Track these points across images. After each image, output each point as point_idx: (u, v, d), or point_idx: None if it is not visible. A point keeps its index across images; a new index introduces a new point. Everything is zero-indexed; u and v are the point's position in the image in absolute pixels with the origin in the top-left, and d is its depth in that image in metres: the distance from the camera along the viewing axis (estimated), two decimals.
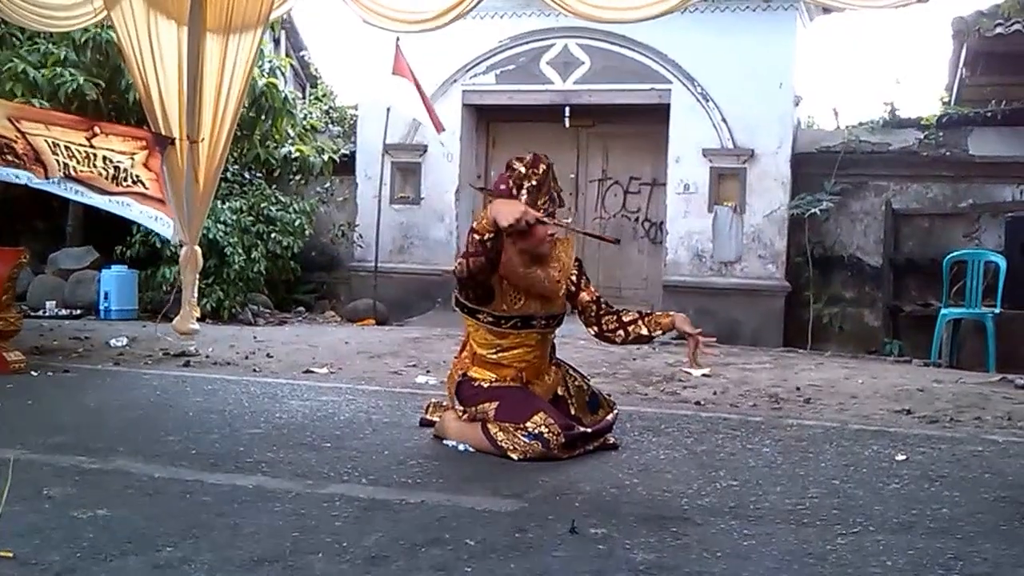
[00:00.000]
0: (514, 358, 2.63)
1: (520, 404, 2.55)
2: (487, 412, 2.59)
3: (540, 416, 2.50)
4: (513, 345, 2.63)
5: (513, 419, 2.52)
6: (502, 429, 2.53)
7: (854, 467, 2.54)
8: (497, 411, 2.56)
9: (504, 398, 2.57)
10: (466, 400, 2.66)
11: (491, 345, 2.64)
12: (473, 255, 2.43)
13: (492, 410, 2.57)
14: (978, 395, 3.86)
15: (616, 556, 1.74)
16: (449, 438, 2.69)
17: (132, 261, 6.76)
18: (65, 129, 4.22)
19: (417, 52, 6.90)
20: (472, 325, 2.68)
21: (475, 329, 2.67)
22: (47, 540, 1.74)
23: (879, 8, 3.51)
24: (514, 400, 2.57)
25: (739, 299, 7.08)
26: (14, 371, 3.84)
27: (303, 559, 1.68)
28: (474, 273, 2.47)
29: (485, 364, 2.66)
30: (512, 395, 2.59)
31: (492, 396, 2.60)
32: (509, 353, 2.63)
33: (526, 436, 2.49)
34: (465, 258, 2.47)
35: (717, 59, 7.10)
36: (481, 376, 2.66)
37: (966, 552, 1.81)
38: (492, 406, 2.57)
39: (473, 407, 2.63)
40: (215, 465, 2.38)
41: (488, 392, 2.62)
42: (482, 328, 2.64)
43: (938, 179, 7.08)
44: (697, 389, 3.99)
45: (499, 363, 2.64)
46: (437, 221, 7.86)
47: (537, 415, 2.51)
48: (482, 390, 2.63)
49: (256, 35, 4.29)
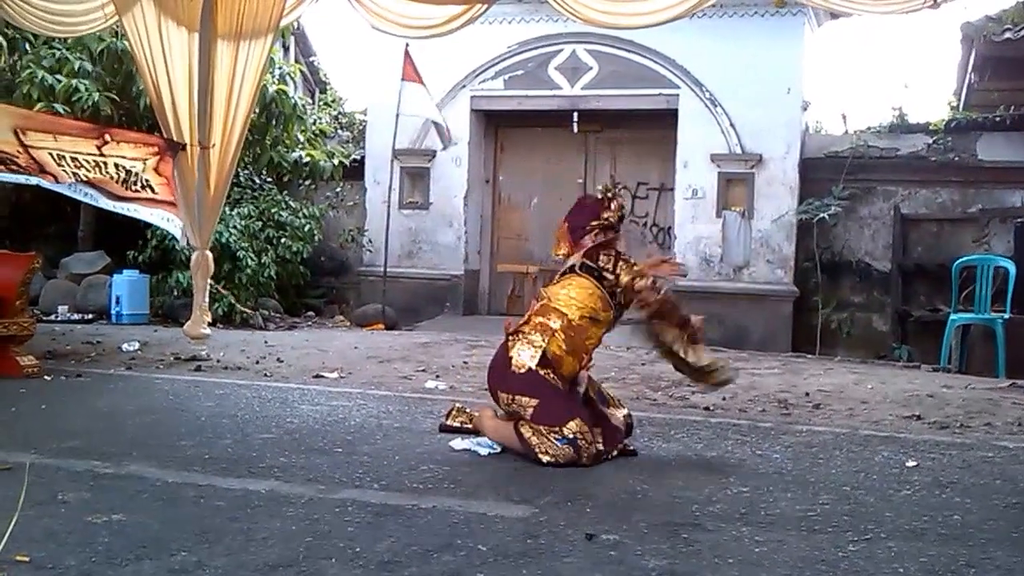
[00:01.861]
0: (592, 347, 2.76)
1: (558, 408, 2.57)
2: (524, 409, 2.59)
3: (576, 423, 2.53)
4: (600, 337, 2.76)
5: (549, 422, 2.54)
6: (535, 432, 2.55)
7: (864, 473, 2.53)
8: (535, 410, 2.57)
9: (546, 397, 2.58)
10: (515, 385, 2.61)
11: (594, 337, 2.73)
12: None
13: (531, 408, 2.58)
14: (988, 401, 3.84)
15: (628, 562, 1.75)
16: (484, 434, 2.73)
17: (144, 266, 6.81)
18: (74, 138, 4.20)
19: (426, 58, 6.93)
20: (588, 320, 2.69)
21: (590, 323, 2.69)
22: (63, 545, 1.76)
23: (888, 13, 3.52)
24: (554, 403, 2.58)
25: (747, 304, 7.07)
26: (28, 375, 3.87)
27: (316, 564, 1.69)
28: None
29: (571, 352, 2.67)
30: (555, 396, 2.60)
31: (536, 392, 2.59)
32: (596, 342, 2.75)
33: (559, 440, 2.52)
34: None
35: (725, 64, 7.10)
36: (555, 354, 2.63)
37: (978, 559, 1.80)
38: (532, 403, 2.58)
39: (514, 396, 2.62)
40: (228, 470, 2.40)
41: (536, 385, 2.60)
42: (594, 322, 2.70)
43: (947, 184, 7.05)
44: (706, 395, 3.98)
45: (584, 350, 2.69)
46: (445, 226, 7.88)
47: (573, 421, 2.53)
48: (535, 380, 2.60)
49: (267, 42, 4.33)
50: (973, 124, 7.06)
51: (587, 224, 2.82)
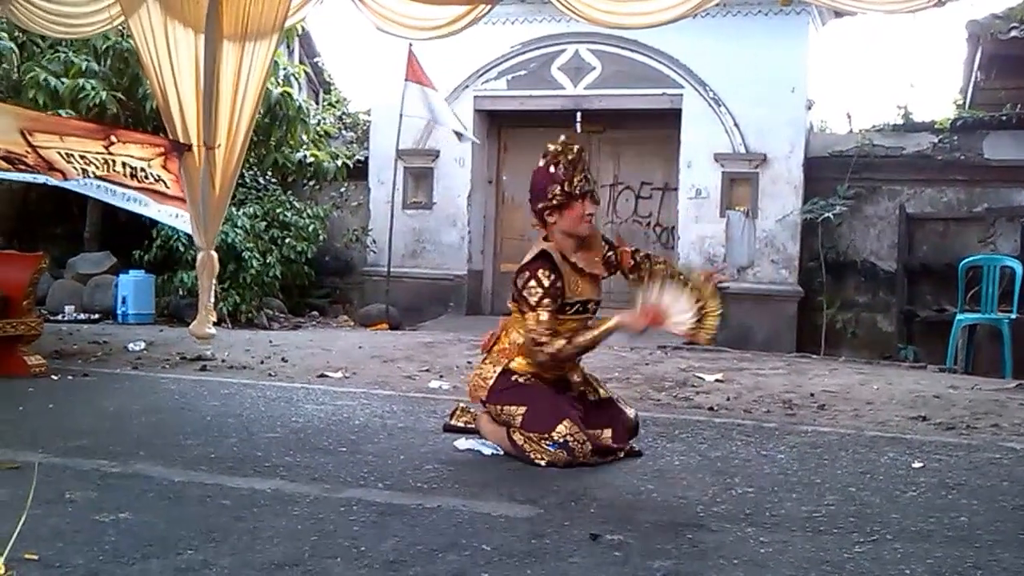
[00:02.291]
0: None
1: (546, 412, 2.53)
2: (513, 418, 2.58)
3: (565, 425, 2.50)
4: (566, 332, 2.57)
5: (538, 429, 2.52)
6: (527, 439, 2.54)
7: (870, 474, 2.53)
8: (524, 419, 2.55)
9: (532, 403, 2.55)
10: (498, 396, 2.61)
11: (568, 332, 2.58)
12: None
13: (519, 417, 2.56)
14: (994, 402, 3.83)
15: (633, 563, 1.75)
16: (484, 437, 2.72)
17: (149, 266, 6.83)
18: (81, 139, 4.22)
19: (429, 58, 6.94)
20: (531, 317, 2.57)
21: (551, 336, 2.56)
22: (70, 543, 1.77)
23: (892, 12, 3.50)
24: (541, 407, 2.54)
25: (751, 304, 7.05)
26: (35, 375, 3.89)
27: (321, 563, 1.70)
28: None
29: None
30: (541, 400, 2.56)
31: (522, 399, 2.57)
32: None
33: (551, 445, 2.50)
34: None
35: (729, 64, 7.09)
36: (520, 369, 2.61)
37: (985, 561, 1.80)
38: (519, 411, 2.56)
39: (501, 407, 2.61)
40: (233, 469, 2.41)
41: (520, 393, 2.58)
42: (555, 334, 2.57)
43: (952, 183, 7.03)
44: (710, 395, 3.98)
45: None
46: (449, 226, 7.89)
47: (562, 424, 2.50)
48: (515, 388, 2.58)
49: (271, 42, 4.33)
50: (979, 123, 7.03)
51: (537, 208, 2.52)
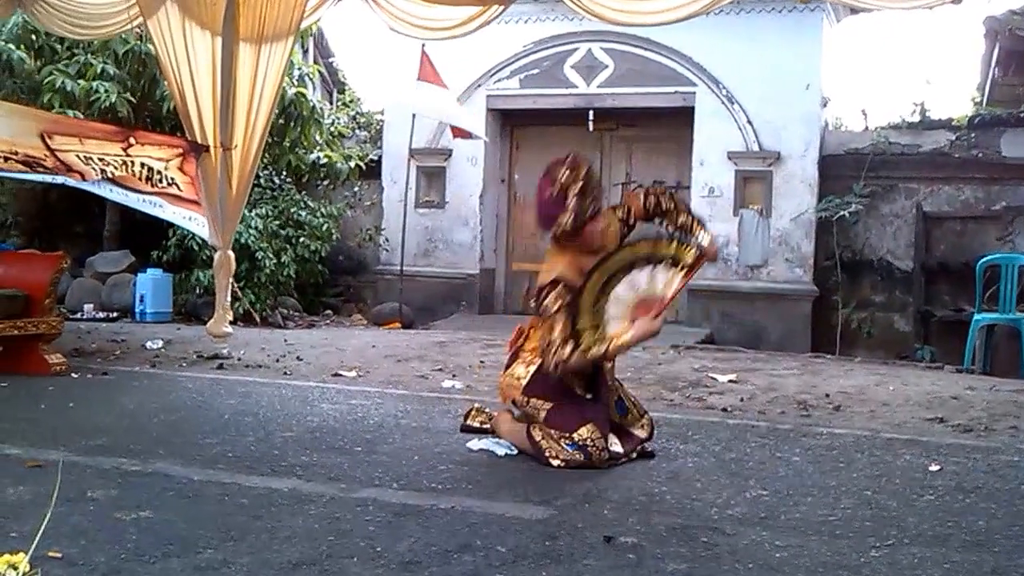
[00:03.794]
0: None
1: (572, 412, 2.55)
2: (538, 411, 2.60)
3: (587, 428, 2.52)
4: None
5: (561, 427, 2.54)
6: (546, 436, 2.55)
7: (886, 477, 2.51)
8: (548, 414, 2.57)
9: (560, 400, 2.58)
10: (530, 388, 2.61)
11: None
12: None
13: (544, 411, 2.58)
14: (1013, 403, 3.78)
15: (647, 565, 1.75)
16: (501, 436, 2.74)
17: (167, 265, 6.90)
18: (100, 141, 4.28)
19: (442, 57, 6.95)
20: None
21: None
22: (93, 541, 1.79)
23: (909, 8, 3.46)
24: (568, 407, 2.57)
25: (765, 304, 7.02)
26: (55, 373, 3.95)
27: (338, 563, 1.72)
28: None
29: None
30: (569, 400, 2.59)
31: (551, 394, 2.59)
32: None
33: (570, 445, 2.51)
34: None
35: (742, 61, 7.05)
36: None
37: (1004, 566, 1.78)
38: (546, 406, 2.58)
39: (529, 399, 2.62)
40: (251, 468, 2.43)
41: (550, 388, 2.59)
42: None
43: (970, 181, 6.95)
44: (724, 396, 3.97)
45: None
46: (462, 225, 7.91)
47: (585, 427, 2.52)
48: (548, 383, 2.59)
49: (287, 44, 4.36)
50: (997, 120, 6.95)
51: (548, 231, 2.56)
